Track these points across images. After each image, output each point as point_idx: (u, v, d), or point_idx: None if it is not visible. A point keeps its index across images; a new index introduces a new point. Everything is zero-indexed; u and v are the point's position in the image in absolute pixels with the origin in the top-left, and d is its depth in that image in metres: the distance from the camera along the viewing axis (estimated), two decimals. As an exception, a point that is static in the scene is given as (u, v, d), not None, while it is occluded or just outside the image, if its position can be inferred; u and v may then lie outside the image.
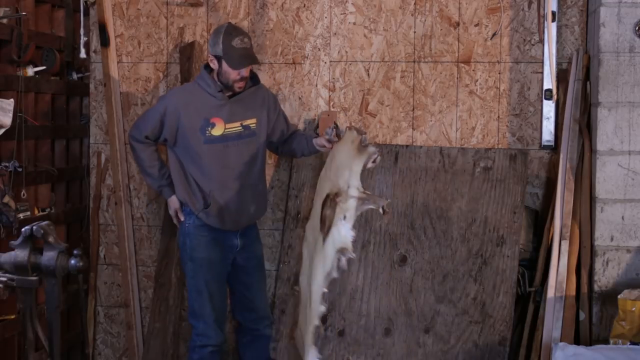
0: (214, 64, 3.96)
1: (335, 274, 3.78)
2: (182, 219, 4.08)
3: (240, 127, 4.03)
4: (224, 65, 3.91)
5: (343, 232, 3.75)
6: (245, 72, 3.95)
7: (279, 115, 4.23)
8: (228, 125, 3.99)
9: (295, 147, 4.22)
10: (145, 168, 4.13)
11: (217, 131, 3.97)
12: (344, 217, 3.78)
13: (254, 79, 4.10)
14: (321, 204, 3.99)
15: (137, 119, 4.27)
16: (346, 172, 3.86)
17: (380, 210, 3.74)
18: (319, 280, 3.92)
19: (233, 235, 4.08)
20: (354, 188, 3.80)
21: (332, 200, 3.90)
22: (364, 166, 3.82)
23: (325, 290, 3.84)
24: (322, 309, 3.86)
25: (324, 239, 3.89)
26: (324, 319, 4.28)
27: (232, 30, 3.95)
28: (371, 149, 3.78)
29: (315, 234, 4.06)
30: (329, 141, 4.00)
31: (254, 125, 4.07)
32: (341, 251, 3.74)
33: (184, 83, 4.57)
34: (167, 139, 4.02)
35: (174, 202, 4.11)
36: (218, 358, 4.13)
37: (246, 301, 4.21)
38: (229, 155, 3.99)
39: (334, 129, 4.00)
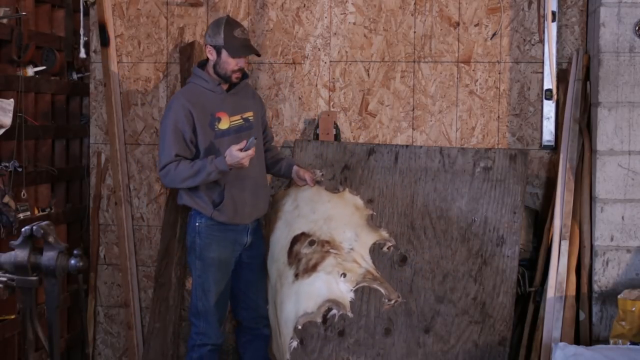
0: (212, 55, 3.99)
1: (318, 319, 3.84)
2: (251, 153, 3.83)
3: (242, 120, 4.08)
4: (224, 54, 3.96)
5: (342, 288, 3.86)
6: (243, 63, 4.02)
7: (264, 114, 4.33)
8: (232, 118, 4.04)
9: (269, 164, 4.26)
10: (189, 173, 3.87)
11: (223, 125, 4.00)
12: (344, 275, 3.90)
13: (243, 73, 4.15)
14: (292, 239, 4.04)
15: (159, 152, 4.03)
16: (347, 232, 4.01)
17: (388, 301, 3.87)
18: (289, 315, 3.97)
19: (244, 232, 4.09)
20: (360, 256, 4.01)
21: (319, 244, 3.97)
22: (377, 245, 4.04)
23: (300, 327, 3.88)
24: (294, 344, 3.91)
25: (298, 276, 3.93)
26: (324, 319, 4.28)
27: (232, 22, 4.03)
28: (385, 234, 4.07)
29: (278, 266, 4.10)
30: (315, 181, 4.16)
31: (252, 118, 4.13)
32: (334, 303, 3.79)
33: (181, 86, 4.58)
34: (192, 142, 3.94)
35: (231, 155, 3.81)
36: (217, 357, 4.14)
37: (247, 299, 4.22)
38: None
39: (323, 174, 4.21)
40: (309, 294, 3.90)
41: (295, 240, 4.14)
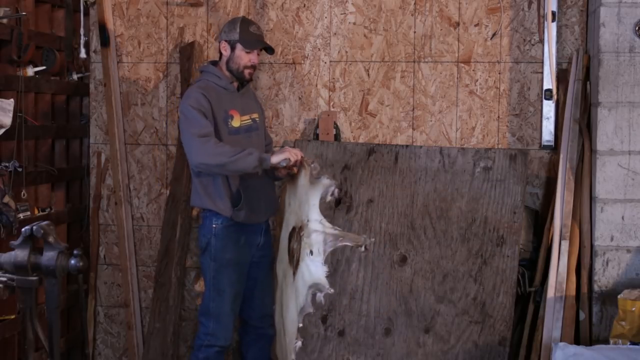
0: (225, 51, 4.03)
1: (310, 309, 3.77)
2: (299, 157, 3.85)
3: (250, 120, 4.11)
4: (238, 49, 4.00)
5: (313, 268, 3.70)
6: (255, 59, 4.04)
7: (264, 119, 4.35)
8: (242, 118, 4.06)
9: None
10: (228, 149, 3.81)
11: (235, 123, 4.02)
12: (311, 253, 3.74)
13: None
14: (288, 237, 4.03)
15: (189, 138, 3.86)
16: (305, 205, 3.84)
17: (362, 249, 3.71)
18: (292, 315, 3.94)
19: (258, 232, 4.12)
20: (315, 222, 3.75)
21: (297, 234, 3.91)
22: (322, 199, 3.76)
23: (300, 325, 3.86)
24: (299, 344, 3.87)
25: (294, 273, 3.90)
26: (324, 319, 4.29)
27: (248, 20, 4.12)
28: (325, 180, 3.74)
29: (283, 266, 4.09)
30: (288, 173, 3.97)
31: (258, 119, 4.17)
32: (315, 287, 3.72)
33: (181, 85, 4.58)
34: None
35: (280, 154, 3.85)
36: (223, 358, 4.13)
37: (253, 298, 4.21)
38: (250, 145, 4.02)
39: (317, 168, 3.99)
40: (299, 289, 3.88)
41: (290, 237, 4.12)
